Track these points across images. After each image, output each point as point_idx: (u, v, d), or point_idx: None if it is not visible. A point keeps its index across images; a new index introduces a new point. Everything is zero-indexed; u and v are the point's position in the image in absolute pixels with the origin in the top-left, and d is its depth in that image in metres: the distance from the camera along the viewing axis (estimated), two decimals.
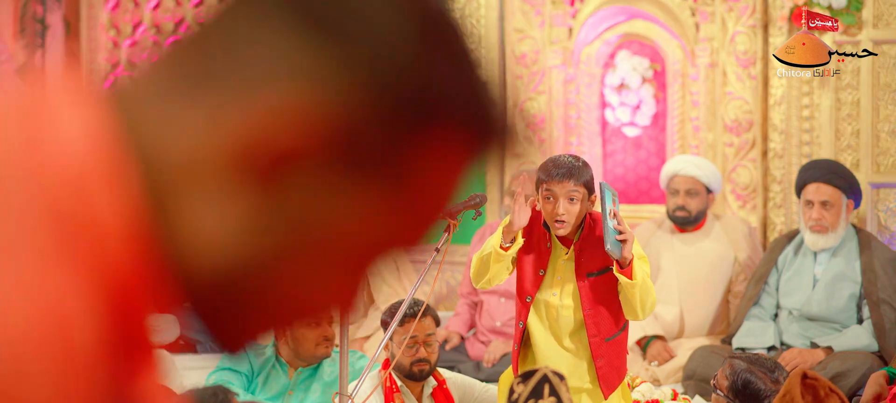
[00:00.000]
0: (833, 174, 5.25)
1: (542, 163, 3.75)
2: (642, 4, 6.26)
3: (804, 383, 3.04)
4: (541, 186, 3.68)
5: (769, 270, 5.43)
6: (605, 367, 3.73)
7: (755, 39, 5.96)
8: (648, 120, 6.37)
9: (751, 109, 6.00)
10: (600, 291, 3.67)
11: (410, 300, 4.22)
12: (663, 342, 5.61)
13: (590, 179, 3.68)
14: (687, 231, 5.77)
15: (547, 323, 3.75)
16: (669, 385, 5.01)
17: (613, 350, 3.75)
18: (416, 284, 3.73)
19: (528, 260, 3.75)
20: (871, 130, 5.66)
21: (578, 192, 3.63)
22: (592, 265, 3.68)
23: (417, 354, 4.28)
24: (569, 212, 3.62)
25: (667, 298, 5.73)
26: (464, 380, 4.53)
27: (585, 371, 3.75)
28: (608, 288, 3.67)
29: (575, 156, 3.76)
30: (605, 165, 6.52)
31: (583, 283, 3.67)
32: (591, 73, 6.44)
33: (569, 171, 3.63)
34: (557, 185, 3.62)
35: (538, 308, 3.77)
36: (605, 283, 3.67)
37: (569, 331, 3.72)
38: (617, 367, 3.79)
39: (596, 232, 3.69)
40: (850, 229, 5.32)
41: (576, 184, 3.62)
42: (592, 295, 3.67)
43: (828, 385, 3.05)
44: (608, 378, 3.75)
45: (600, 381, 3.74)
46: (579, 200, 3.63)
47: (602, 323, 3.70)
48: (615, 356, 3.77)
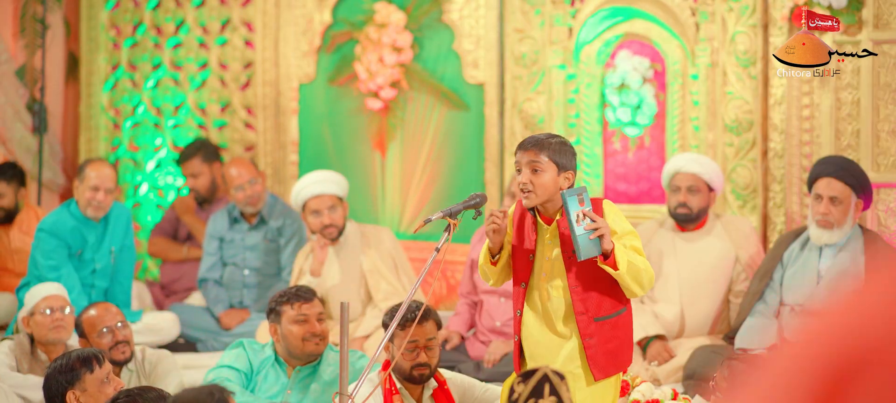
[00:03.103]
0: (845, 171, 5.25)
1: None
2: (642, 4, 6.26)
3: None
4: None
5: (774, 266, 5.43)
6: (593, 348, 3.65)
7: (755, 39, 5.96)
8: (649, 120, 6.37)
9: (751, 109, 6.00)
10: (586, 267, 3.64)
11: (412, 303, 4.22)
12: (663, 341, 5.61)
13: (562, 155, 3.68)
14: (688, 229, 5.77)
15: (540, 308, 3.73)
16: (669, 385, 5.01)
17: (606, 331, 3.68)
18: (416, 283, 3.73)
19: (520, 247, 3.76)
20: (871, 130, 5.66)
21: (541, 163, 3.65)
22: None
23: (418, 358, 4.28)
24: (532, 183, 3.65)
25: (667, 297, 5.73)
26: (464, 380, 4.52)
27: (578, 353, 3.68)
28: (595, 264, 3.64)
29: (552, 135, 3.77)
30: (605, 165, 6.52)
31: (568, 260, 3.66)
32: (591, 73, 6.44)
33: (532, 142, 3.69)
34: (521, 155, 3.69)
35: (532, 294, 3.76)
36: (590, 260, 3.66)
37: (562, 315, 3.69)
38: (611, 351, 3.68)
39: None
40: (856, 227, 5.32)
41: (537, 154, 3.66)
42: (578, 271, 3.64)
43: None
44: (598, 360, 3.67)
45: (589, 362, 3.66)
46: (544, 171, 3.65)
47: (589, 301, 3.66)
48: (608, 338, 3.68)
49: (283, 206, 6.64)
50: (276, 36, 7.34)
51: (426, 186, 7.01)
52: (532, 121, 6.54)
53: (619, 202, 6.49)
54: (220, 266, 6.60)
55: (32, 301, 5.09)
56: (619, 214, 3.73)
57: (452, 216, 3.70)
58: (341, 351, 3.61)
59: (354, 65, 7.04)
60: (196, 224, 7.04)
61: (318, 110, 7.27)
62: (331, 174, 6.13)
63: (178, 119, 7.60)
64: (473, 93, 6.85)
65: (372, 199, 7.13)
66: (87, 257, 6.03)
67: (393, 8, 6.92)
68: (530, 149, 3.67)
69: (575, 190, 3.58)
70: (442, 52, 6.93)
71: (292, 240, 6.53)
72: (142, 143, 7.68)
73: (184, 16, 7.56)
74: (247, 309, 6.53)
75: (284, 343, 4.68)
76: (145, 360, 5.02)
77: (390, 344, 4.27)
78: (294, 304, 4.67)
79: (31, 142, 7.40)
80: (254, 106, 7.44)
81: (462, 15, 6.84)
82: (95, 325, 4.91)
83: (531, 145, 3.68)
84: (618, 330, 3.71)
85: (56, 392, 4.04)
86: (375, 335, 5.91)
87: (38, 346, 5.06)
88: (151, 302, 6.92)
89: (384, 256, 6.10)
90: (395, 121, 7.03)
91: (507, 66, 6.65)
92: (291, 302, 4.67)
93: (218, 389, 2.97)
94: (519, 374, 2.93)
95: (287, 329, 4.66)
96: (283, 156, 7.38)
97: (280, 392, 4.67)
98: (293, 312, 4.66)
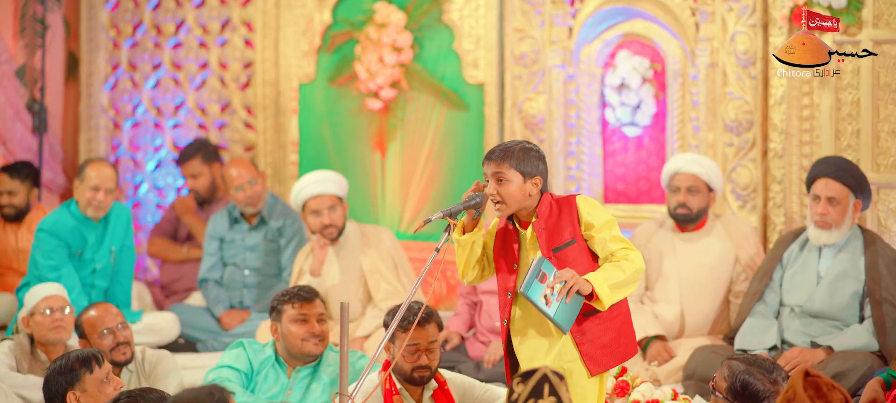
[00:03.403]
0: (843, 171, 5.25)
1: None
2: (642, 4, 6.26)
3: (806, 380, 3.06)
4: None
5: (774, 266, 5.42)
6: (587, 343, 3.66)
7: (755, 39, 5.96)
8: (648, 120, 6.37)
9: (751, 109, 6.00)
10: (569, 263, 3.64)
11: (414, 304, 4.22)
12: (663, 342, 5.61)
13: (526, 163, 3.68)
14: (688, 230, 5.77)
15: (532, 314, 3.73)
16: (669, 385, 5.01)
17: (597, 325, 3.68)
18: (416, 283, 3.73)
19: (503, 259, 3.79)
20: (871, 130, 5.66)
21: (505, 173, 3.68)
22: (557, 239, 3.69)
23: (419, 361, 4.28)
24: (499, 194, 3.69)
25: (667, 297, 5.73)
26: (464, 381, 4.52)
27: (573, 348, 3.68)
28: (578, 259, 3.66)
29: (517, 142, 3.77)
30: (605, 165, 6.52)
31: (551, 259, 3.66)
32: (591, 73, 6.44)
33: (496, 153, 3.71)
34: (486, 167, 3.73)
35: (521, 302, 3.76)
36: (573, 254, 3.66)
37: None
38: (607, 345, 3.69)
39: (556, 210, 3.71)
40: (855, 228, 5.32)
41: (499, 165, 3.69)
42: (560, 268, 3.63)
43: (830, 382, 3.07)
44: (593, 354, 3.67)
45: (584, 358, 3.67)
46: (509, 181, 3.68)
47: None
48: (603, 332, 3.69)
49: (284, 206, 6.63)
50: (276, 36, 7.34)
51: (426, 186, 7.01)
52: (532, 121, 6.54)
53: (618, 202, 6.49)
54: (220, 266, 6.60)
55: (32, 301, 5.09)
56: (594, 206, 3.73)
57: (452, 216, 3.71)
58: (341, 351, 3.61)
59: (354, 65, 7.04)
60: (196, 224, 7.04)
61: (318, 110, 7.27)
62: (331, 174, 6.13)
63: (178, 119, 7.60)
64: (473, 93, 6.85)
65: (372, 199, 7.13)
66: (87, 257, 6.03)
67: (393, 8, 6.92)
68: (493, 160, 3.71)
69: (529, 275, 3.57)
70: (442, 52, 6.93)
71: (292, 241, 6.53)
72: (142, 143, 7.69)
73: (184, 16, 7.56)
74: (247, 309, 6.53)
75: (284, 342, 4.69)
76: (145, 360, 5.02)
77: (391, 345, 4.27)
78: (295, 304, 4.68)
79: (31, 142, 7.40)
80: (254, 106, 7.44)
81: (462, 15, 6.84)
82: (96, 326, 4.91)
83: (493, 156, 3.72)
84: (611, 321, 3.71)
85: (56, 392, 4.04)
86: (375, 335, 5.91)
87: (38, 346, 5.06)
88: (151, 302, 6.93)
89: (384, 256, 6.10)
90: (395, 121, 7.03)
91: (507, 66, 6.65)
92: (293, 302, 4.68)
93: (218, 389, 2.97)
94: (518, 374, 2.93)
95: (287, 328, 4.67)
96: (283, 156, 7.38)
97: (280, 392, 4.68)
98: (294, 311, 4.67)
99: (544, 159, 3.76)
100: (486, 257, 3.83)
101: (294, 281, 6.11)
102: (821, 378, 3.09)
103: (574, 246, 3.67)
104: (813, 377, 3.08)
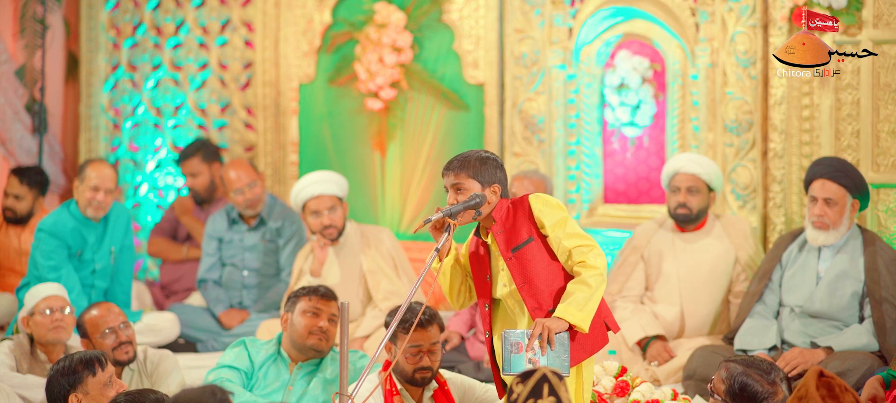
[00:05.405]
0: (839, 172, 5.25)
1: None
2: (642, 4, 6.26)
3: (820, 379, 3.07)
4: None
5: (773, 267, 5.43)
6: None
7: (755, 40, 5.96)
8: (648, 120, 6.37)
9: (751, 109, 6.00)
10: (528, 261, 3.68)
11: (416, 305, 4.23)
12: (663, 342, 5.61)
13: (483, 172, 3.71)
14: (688, 230, 5.77)
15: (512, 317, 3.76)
16: (669, 385, 5.01)
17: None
18: (416, 283, 3.74)
19: (478, 272, 3.82)
20: (871, 130, 5.66)
21: (463, 183, 3.72)
22: (515, 240, 3.72)
23: (421, 362, 4.29)
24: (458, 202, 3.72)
25: (667, 297, 5.73)
26: (464, 381, 4.53)
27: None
28: (536, 257, 3.69)
29: (475, 151, 3.79)
30: (605, 165, 6.52)
31: (510, 260, 3.70)
32: (591, 73, 6.44)
33: (454, 164, 3.75)
34: (445, 177, 3.77)
35: (499, 309, 3.81)
36: (530, 253, 3.69)
37: (525, 316, 3.72)
38: (578, 340, 3.66)
39: (512, 212, 3.74)
40: (854, 228, 5.32)
41: (457, 176, 3.73)
42: (521, 267, 3.68)
43: (843, 385, 3.09)
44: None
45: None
46: (468, 190, 3.71)
47: (540, 295, 3.69)
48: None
49: (282, 207, 6.63)
50: (276, 36, 7.34)
51: (426, 186, 7.01)
52: (532, 121, 6.55)
53: (618, 202, 6.49)
54: (219, 266, 6.60)
55: (32, 301, 5.09)
56: (547, 204, 3.74)
57: (452, 216, 3.71)
58: (341, 351, 3.61)
59: (354, 65, 7.04)
60: (195, 224, 7.04)
61: (318, 110, 7.27)
62: (330, 174, 6.13)
63: (178, 119, 7.60)
64: (473, 93, 6.85)
65: (372, 199, 7.13)
66: (86, 257, 6.03)
67: (393, 8, 6.92)
68: (451, 171, 3.75)
69: (505, 357, 3.59)
70: (442, 52, 6.93)
71: (291, 241, 6.53)
72: (142, 143, 7.68)
73: (184, 16, 7.56)
74: (247, 309, 6.52)
75: (291, 332, 4.71)
76: (147, 360, 5.02)
77: (392, 345, 4.28)
78: (312, 297, 4.72)
79: (31, 143, 7.40)
80: (254, 106, 7.44)
81: (462, 15, 6.84)
82: (98, 326, 4.90)
83: (451, 167, 3.76)
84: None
85: (58, 394, 4.04)
86: (376, 335, 5.91)
87: (38, 346, 5.06)
88: (151, 302, 6.92)
89: (384, 256, 6.10)
90: (395, 121, 7.04)
91: (507, 66, 6.65)
92: (310, 295, 4.72)
93: (218, 389, 2.97)
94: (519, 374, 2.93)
95: (297, 318, 4.70)
96: (283, 156, 7.38)
97: (281, 388, 4.69)
98: (309, 304, 4.70)
99: (502, 168, 3.80)
100: (469, 277, 3.86)
101: (294, 282, 6.12)
102: (834, 379, 3.10)
103: (531, 244, 3.71)
104: (827, 378, 3.09)
